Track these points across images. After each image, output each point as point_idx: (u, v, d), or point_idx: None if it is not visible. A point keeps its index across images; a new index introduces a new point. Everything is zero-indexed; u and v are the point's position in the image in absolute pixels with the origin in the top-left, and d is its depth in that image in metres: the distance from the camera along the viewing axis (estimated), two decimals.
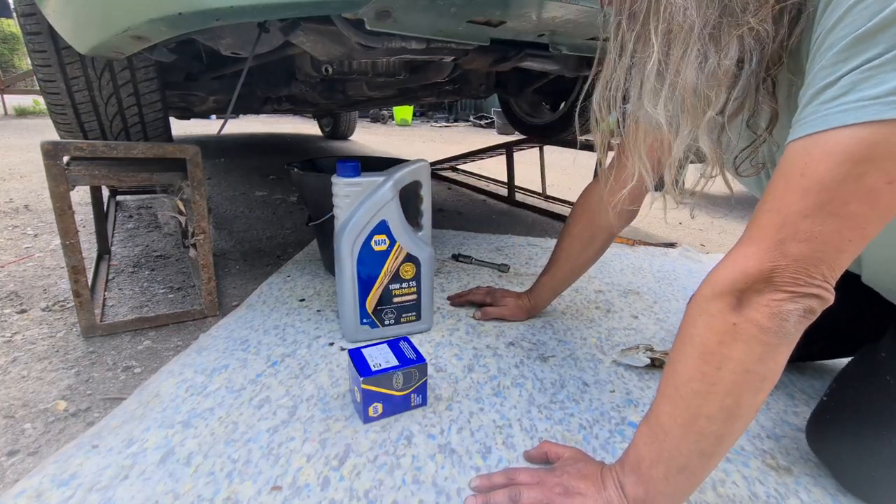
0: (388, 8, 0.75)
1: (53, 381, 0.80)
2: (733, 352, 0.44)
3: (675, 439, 0.47)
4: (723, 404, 0.45)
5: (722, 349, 0.45)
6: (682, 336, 0.49)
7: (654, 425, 0.50)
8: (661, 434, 0.48)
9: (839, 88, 0.38)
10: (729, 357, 0.44)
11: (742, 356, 0.44)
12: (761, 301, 0.43)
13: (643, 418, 0.52)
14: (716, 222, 2.13)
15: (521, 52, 1.12)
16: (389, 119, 8.35)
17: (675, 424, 0.47)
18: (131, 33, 0.74)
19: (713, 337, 0.45)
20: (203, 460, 0.61)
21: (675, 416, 0.47)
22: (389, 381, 0.69)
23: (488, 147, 2.43)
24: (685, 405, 0.47)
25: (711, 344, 0.45)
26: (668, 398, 0.49)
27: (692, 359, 0.47)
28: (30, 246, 1.45)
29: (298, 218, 1.88)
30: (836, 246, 0.41)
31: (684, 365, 0.47)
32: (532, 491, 0.54)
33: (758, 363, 0.44)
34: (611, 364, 0.88)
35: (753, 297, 0.43)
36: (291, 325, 0.98)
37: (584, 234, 0.90)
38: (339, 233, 0.86)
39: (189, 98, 1.71)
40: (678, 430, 0.47)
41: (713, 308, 0.45)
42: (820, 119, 0.40)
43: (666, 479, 0.48)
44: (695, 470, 0.48)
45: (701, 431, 0.46)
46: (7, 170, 2.65)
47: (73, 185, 0.88)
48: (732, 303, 0.44)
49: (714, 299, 0.45)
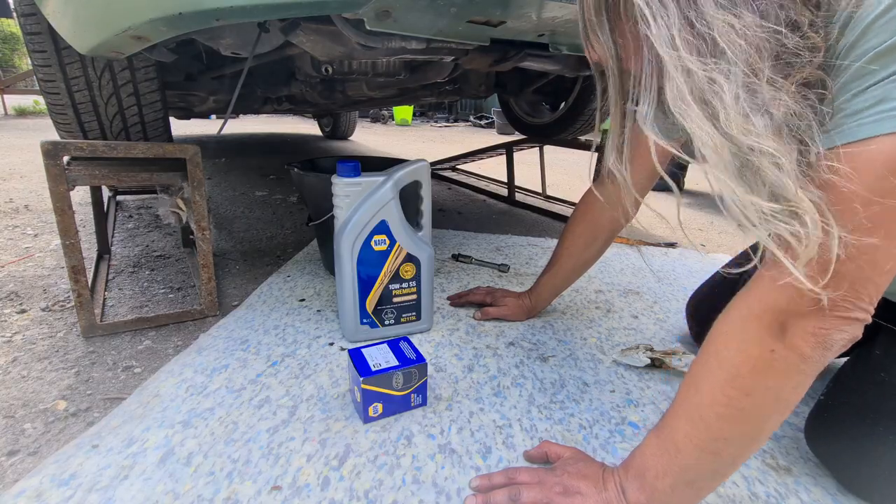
0: (388, 8, 0.75)
1: (53, 381, 0.80)
2: (768, 380, 0.41)
3: (689, 458, 0.46)
4: (745, 429, 0.44)
5: (755, 376, 0.42)
6: (710, 355, 0.45)
7: (666, 440, 0.48)
8: (673, 449, 0.47)
9: (870, 99, 0.37)
10: (762, 385, 0.42)
11: (777, 385, 0.42)
12: (807, 328, 0.40)
13: (655, 428, 0.51)
14: (716, 222, 2.13)
15: (521, 52, 1.12)
16: (389, 119, 8.35)
17: (690, 443, 0.46)
18: (131, 33, 0.74)
19: (747, 363, 0.42)
20: (203, 460, 0.61)
21: (692, 435, 0.46)
22: (389, 381, 0.69)
23: (488, 147, 2.43)
24: (705, 427, 0.45)
25: (744, 370, 0.42)
26: (687, 417, 0.47)
27: (720, 382, 0.44)
28: (30, 246, 1.45)
29: (298, 218, 1.88)
30: (882, 263, 0.38)
31: (710, 387, 0.45)
32: (532, 490, 0.54)
33: (791, 392, 0.42)
34: (611, 364, 0.88)
35: (799, 324, 0.40)
36: (291, 325, 0.98)
37: (586, 233, 0.90)
38: (339, 233, 0.86)
39: (189, 98, 1.71)
40: (693, 450, 0.46)
41: (750, 331, 0.42)
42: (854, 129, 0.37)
43: (672, 491, 0.48)
44: (703, 486, 0.48)
45: (717, 453, 0.45)
46: (7, 170, 2.65)
47: (73, 185, 0.88)
48: (774, 329, 0.41)
49: (752, 321, 0.42)
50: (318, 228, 1.16)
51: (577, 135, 2.12)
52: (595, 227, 0.89)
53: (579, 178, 3.09)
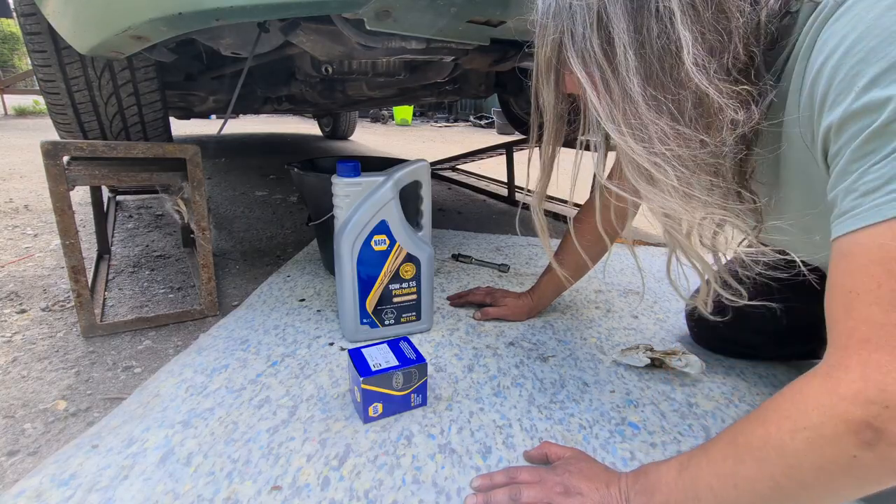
0: (388, 7, 0.75)
1: (53, 381, 0.80)
2: (834, 482, 0.36)
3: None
4: None
5: (820, 475, 0.36)
6: (768, 435, 0.39)
7: (686, 481, 0.45)
8: (692, 495, 0.44)
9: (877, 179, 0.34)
10: (825, 484, 0.36)
11: (843, 487, 0.36)
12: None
13: (678, 461, 0.47)
14: None
15: (521, 52, 1.12)
16: (389, 119, 8.35)
17: (712, 498, 0.42)
18: (131, 33, 0.74)
19: (815, 461, 0.36)
20: (203, 460, 0.61)
21: (718, 494, 0.42)
22: (389, 381, 0.69)
23: (488, 147, 2.43)
24: (736, 495, 0.40)
25: (807, 466, 0.36)
26: (717, 475, 0.42)
27: (771, 467, 0.38)
28: (30, 246, 1.45)
29: (298, 218, 1.88)
30: None
31: (758, 465, 0.39)
32: (532, 489, 0.54)
33: (857, 493, 0.36)
34: (611, 364, 0.88)
35: (889, 426, 0.32)
36: (291, 325, 0.98)
37: (589, 235, 0.89)
38: (339, 233, 0.86)
39: (189, 98, 1.71)
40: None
41: (829, 430, 0.35)
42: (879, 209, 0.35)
43: None
44: None
45: None
46: (7, 170, 2.65)
47: (73, 185, 0.88)
48: (867, 437, 0.33)
49: (836, 421, 0.34)
50: (318, 228, 1.16)
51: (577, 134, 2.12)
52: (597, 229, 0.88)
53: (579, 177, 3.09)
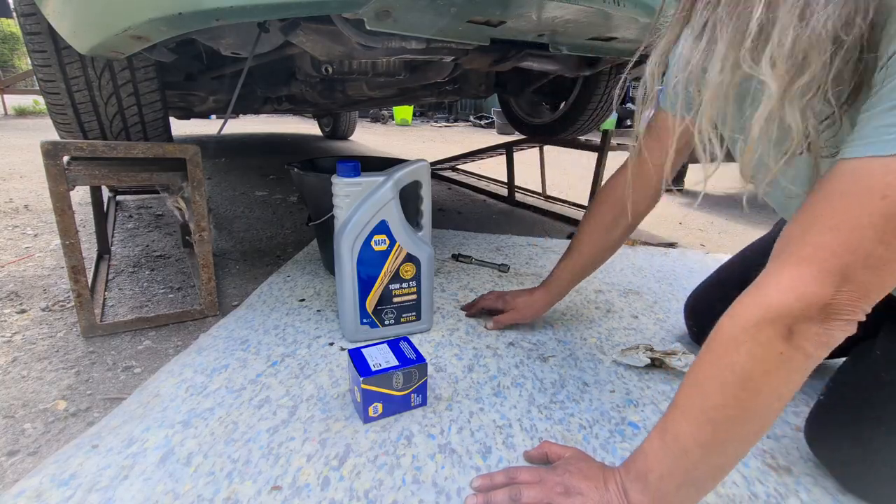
0: (388, 7, 0.75)
1: (53, 381, 0.80)
2: (774, 380, 0.43)
3: (695, 459, 0.47)
4: (752, 428, 0.45)
5: (766, 378, 0.43)
6: (718, 360, 0.46)
7: (670, 442, 0.48)
8: (678, 451, 0.47)
9: None
10: (770, 384, 0.43)
11: (782, 384, 0.43)
12: (814, 330, 0.41)
13: (656, 430, 0.51)
14: (716, 222, 2.13)
15: (521, 52, 1.12)
16: (389, 119, 8.35)
17: (696, 445, 0.46)
18: (131, 33, 0.74)
19: (758, 366, 0.43)
20: (203, 460, 0.61)
21: (699, 437, 0.46)
22: (389, 381, 0.69)
23: (488, 147, 2.43)
24: (713, 429, 0.46)
25: (756, 373, 0.43)
26: (692, 420, 0.47)
27: (730, 386, 0.44)
28: (30, 246, 1.45)
29: (298, 218, 1.88)
30: None
31: (718, 390, 0.45)
32: (532, 490, 0.54)
33: (793, 388, 0.44)
34: (611, 364, 0.88)
35: (807, 326, 0.41)
36: (291, 325, 0.98)
37: (608, 217, 0.86)
38: (339, 233, 0.86)
39: (189, 98, 1.71)
40: (699, 451, 0.46)
41: (762, 336, 0.43)
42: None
43: (677, 491, 0.48)
44: (706, 485, 0.49)
45: (724, 452, 0.46)
46: (7, 170, 2.65)
47: (73, 185, 0.88)
48: (783, 332, 0.42)
49: (764, 326, 0.42)
50: (318, 228, 1.16)
51: (577, 135, 2.13)
52: (616, 211, 0.84)
53: (579, 177, 3.09)
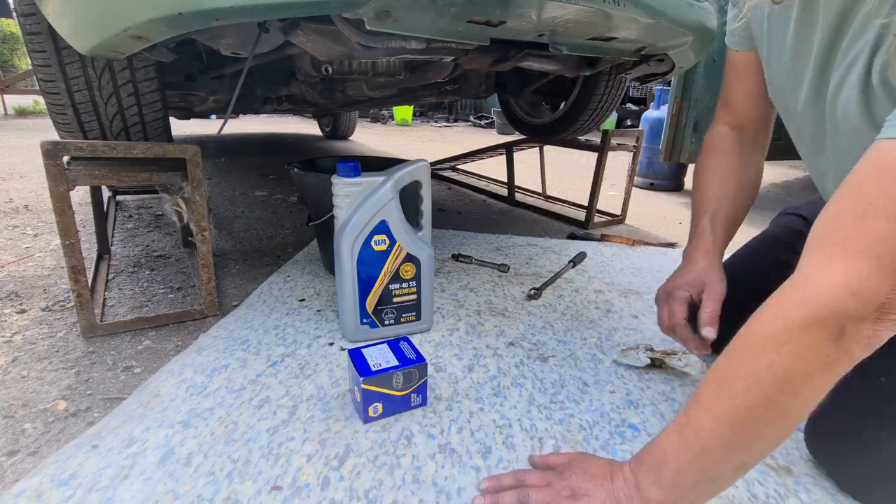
0: (388, 7, 0.74)
1: (53, 381, 0.80)
2: (816, 382, 0.40)
3: (717, 457, 0.45)
4: (783, 427, 0.43)
5: (806, 380, 0.40)
6: (754, 360, 0.42)
7: (690, 438, 0.46)
8: (699, 448, 0.46)
9: None
10: (809, 387, 0.40)
11: (822, 386, 0.41)
12: (864, 331, 0.38)
13: (674, 424, 0.49)
14: None
15: (521, 52, 1.12)
16: (389, 119, 8.34)
17: (719, 444, 0.44)
18: (131, 33, 0.74)
19: (801, 369, 0.40)
20: (203, 460, 0.61)
21: (723, 436, 0.44)
22: (389, 381, 0.69)
23: (488, 147, 2.43)
24: (742, 429, 0.43)
25: (797, 376, 0.40)
26: (717, 418, 0.44)
27: (766, 387, 0.41)
28: (30, 246, 1.45)
29: (298, 218, 1.88)
30: None
31: (751, 391, 0.42)
32: (540, 493, 0.54)
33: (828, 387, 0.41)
34: (611, 364, 0.88)
35: (860, 327, 0.38)
36: (291, 325, 0.98)
37: (732, 158, 0.77)
38: (339, 233, 0.86)
39: (189, 98, 1.71)
40: (722, 450, 0.45)
41: (807, 337, 0.39)
42: None
43: (694, 486, 0.47)
44: (725, 481, 0.48)
45: (749, 450, 0.44)
46: (7, 170, 2.65)
47: (73, 185, 0.88)
48: (835, 333, 0.38)
49: (810, 327, 0.39)
50: (318, 228, 1.16)
51: (577, 135, 2.12)
52: (742, 147, 0.77)
53: (579, 177, 3.09)
